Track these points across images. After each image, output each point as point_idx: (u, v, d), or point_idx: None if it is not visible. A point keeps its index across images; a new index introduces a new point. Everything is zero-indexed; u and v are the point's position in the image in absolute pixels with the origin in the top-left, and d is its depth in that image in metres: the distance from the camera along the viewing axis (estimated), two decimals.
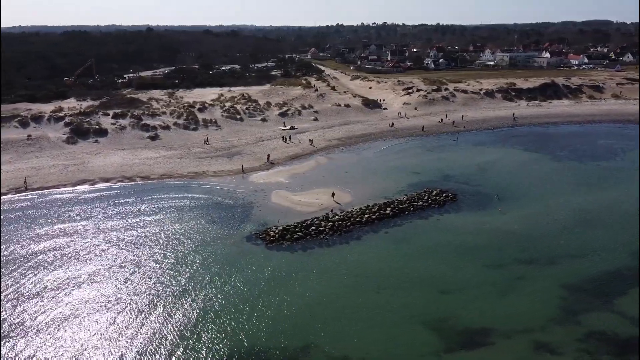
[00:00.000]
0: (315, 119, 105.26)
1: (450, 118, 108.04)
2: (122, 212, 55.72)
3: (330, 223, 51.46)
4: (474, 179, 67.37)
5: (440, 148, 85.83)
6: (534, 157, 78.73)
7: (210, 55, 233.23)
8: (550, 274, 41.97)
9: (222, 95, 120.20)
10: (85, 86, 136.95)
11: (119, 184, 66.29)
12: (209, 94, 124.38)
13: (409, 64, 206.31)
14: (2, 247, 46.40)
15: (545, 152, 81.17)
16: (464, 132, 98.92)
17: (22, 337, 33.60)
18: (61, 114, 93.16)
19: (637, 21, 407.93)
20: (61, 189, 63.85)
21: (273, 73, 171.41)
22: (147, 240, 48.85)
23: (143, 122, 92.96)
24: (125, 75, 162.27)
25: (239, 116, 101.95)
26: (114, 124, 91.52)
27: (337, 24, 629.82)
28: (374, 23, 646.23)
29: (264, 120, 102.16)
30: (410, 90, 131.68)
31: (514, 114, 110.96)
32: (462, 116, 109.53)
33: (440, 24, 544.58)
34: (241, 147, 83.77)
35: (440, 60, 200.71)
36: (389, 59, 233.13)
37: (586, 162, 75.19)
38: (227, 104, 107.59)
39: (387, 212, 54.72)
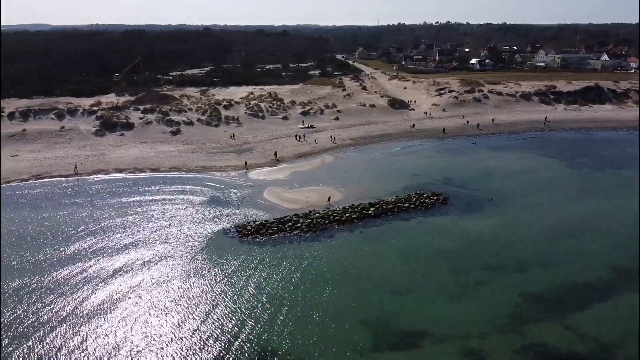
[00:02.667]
0: (337, 119, 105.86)
1: (479, 120, 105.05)
2: (114, 201, 58.94)
3: (309, 220, 52.22)
4: (475, 182, 65.63)
5: (455, 151, 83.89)
6: (549, 163, 75.35)
7: (259, 55, 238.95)
8: (512, 282, 40.60)
9: (252, 93, 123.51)
10: (130, 83, 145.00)
11: (129, 174, 70.31)
12: (241, 92, 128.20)
13: (454, 64, 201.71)
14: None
15: (564, 159, 77.33)
16: (488, 135, 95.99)
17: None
18: (95, 108, 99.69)
19: None
20: (76, 177, 68.65)
21: (311, 72, 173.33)
22: (123, 227, 51.58)
23: (169, 117, 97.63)
24: (171, 73, 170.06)
25: (261, 114, 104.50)
26: (141, 118, 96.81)
27: (399, 23, 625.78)
28: (437, 22, 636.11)
29: (285, 118, 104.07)
30: (442, 91, 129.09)
31: (546, 118, 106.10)
32: (493, 119, 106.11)
33: (507, 23, 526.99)
34: (254, 144, 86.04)
35: (487, 61, 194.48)
36: (437, 59, 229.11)
37: (603, 170, 70.94)
38: (253, 102, 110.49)
39: (370, 212, 54.66)
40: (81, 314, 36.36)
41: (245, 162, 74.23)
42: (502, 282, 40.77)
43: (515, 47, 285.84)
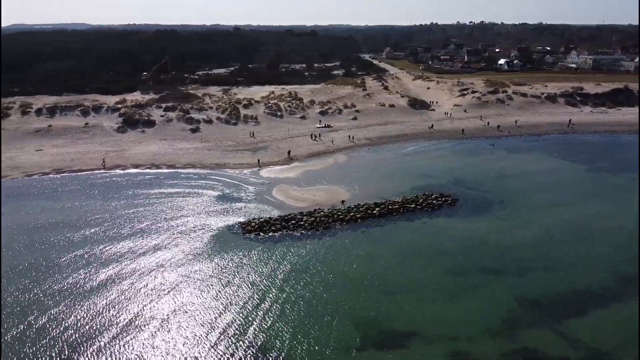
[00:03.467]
0: (354, 118, 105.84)
1: (501, 122, 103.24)
2: (125, 195, 60.84)
3: (312, 219, 52.60)
4: (487, 184, 64.65)
5: (471, 152, 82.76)
6: (565, 166, 73.59)
7: (287, 55, 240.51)
8: (509, 286, 39.97)
9: (272, 93, 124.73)
10: (157, 82, 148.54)
11: (146, 170, 72.26)
12: (262, 91, 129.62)
13: (482, 64, 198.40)
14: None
15: (582, 162, 75.26)
16: (507, 136, 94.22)
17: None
18: (119, 106, 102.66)
19: None
20: (95, 172, 71.10)
21: (334, 72, 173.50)
22: (128, 219, 53.19)
23: (189, 115, 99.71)
24: (198, 72, 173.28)
25: (279, 113, 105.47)
26: (162, 116, 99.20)
27: (431, 23, 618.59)
28: (470, 22, 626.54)
29: (303, 118, 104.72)
30: (465, 92, 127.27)
31: (570, 120, 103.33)
32: (516, 121, 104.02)
33: (543, 23, 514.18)
34: (269, 142, 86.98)
35: (515, 62, 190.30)
36: (465, 59, 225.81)
37: (621, 175, 68.70)
38: (272, 102, 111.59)
39: (375, 212, 54.63)
40: (83, 290, 37.85)
41: (258, 160, 75.20)
42: (500, 285, 40.18)
43: (548, 48, 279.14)
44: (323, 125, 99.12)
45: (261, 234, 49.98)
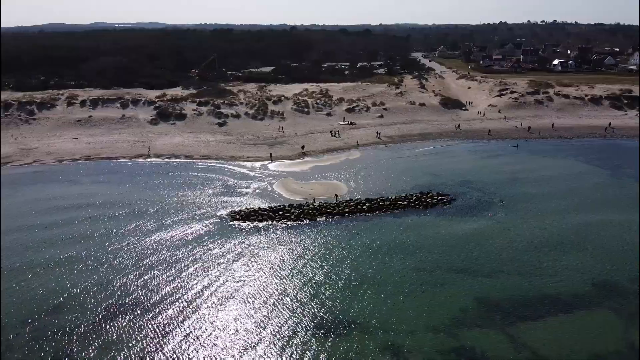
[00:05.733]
0: (381, 116, 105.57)
1: (536, 123, 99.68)
2: (135, 181, 65.08)
3: (300, 211, 53.88)
4: (493, 186, 62.92)
5: (490, 153, 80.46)
6: (587, 170, 69.96)
7: (335, 53, 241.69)
8: (474, 286, 39.23)
9: (305, 90, 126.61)
10: (202, 78, 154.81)
11: (165, 159, 76.43)
12: (297, 88, 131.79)
13: (534, 65, 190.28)
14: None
15: (607, 167, 71.11)
16: (536, 139, 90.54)
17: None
18: (157, 99, 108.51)
19: None
20: (120, 159, 76.17)
21: (377, 71, 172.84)
22: (125, 203, 57.00)
23: (219, 110, 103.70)
24: (243, 70, 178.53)
25: (306, 110, 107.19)
26: (194, 110, 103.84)
27: (500, 21, 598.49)
28: (542, 21, 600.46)
29: (329, 114, 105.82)
30: (503, 92, 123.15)
31: (610, 124, 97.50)
32: (552, 124, 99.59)
33: (620, 23, 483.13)
34: (288, 137, 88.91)
35: (570, 62, 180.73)
36: (520, 59, 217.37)
37: None
38: (301, 98, 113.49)
39: (364, 207, 55.02)
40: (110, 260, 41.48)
41: (270, 154, 77.30)
42: (465, 285, 39.53)
43: (617, 49, 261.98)
44: (347, 122, 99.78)
45: (247, 222, 51.94)
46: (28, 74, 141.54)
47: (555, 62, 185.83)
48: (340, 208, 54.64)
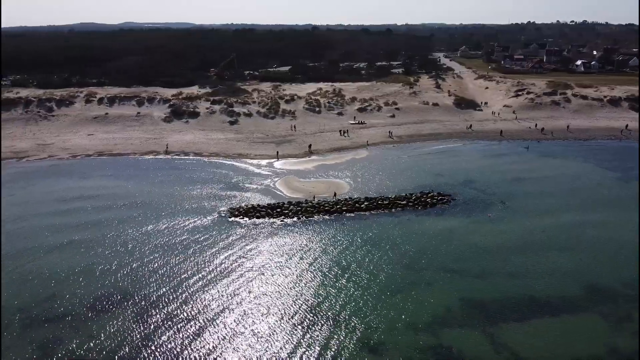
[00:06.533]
0: (392, 116, 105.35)
1: (551, 124, 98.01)
2: (141, 176, 66.84)
3: (298, 208, 54.48)
4: (496, 187, 62.31)
5: (498, 154, 79.60)
6: (594, 173, 68.63)
7: (356, 53, 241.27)
8: (461, 286, 39.12)
9: (319, 89, 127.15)
10: (220, 77, 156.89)
11: (174, 156, 78.10)
12: (311, 88, 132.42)
13: (557, 65, 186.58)
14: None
15: (616, 170, 69.55)
16: (549, 140, 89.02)
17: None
18: (172, 98, 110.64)
19: None
20: (130, 156, 78.16)
21: (394, 70, 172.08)
22: (126, 196, 58.69)
23: (232, 108, 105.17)
24: (261, 69, 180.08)
25: (317, 109, 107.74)
26: (208, 108, 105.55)
27: (528, 21, 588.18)
28: (572, 21, 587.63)
29: (340, 114, 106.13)
30: (520, 93, 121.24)
31: (627, 126, 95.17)
32: (568, 126, 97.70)
33: None
34: (297, 136, 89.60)
35: (593, 63, 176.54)
36: (544, 59, 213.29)
37: None
38: (314, 98, 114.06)
39: (362, 206, 55.27)
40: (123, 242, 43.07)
41: (277, 152, 78.11)
42: (453, 284, 39.48)
43: None
44: (357, 122, 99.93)
45: (245, 218, 52.80)
46: (52, 71, 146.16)
47: (578, 62, 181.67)
48: (338, 206, 55.00)
